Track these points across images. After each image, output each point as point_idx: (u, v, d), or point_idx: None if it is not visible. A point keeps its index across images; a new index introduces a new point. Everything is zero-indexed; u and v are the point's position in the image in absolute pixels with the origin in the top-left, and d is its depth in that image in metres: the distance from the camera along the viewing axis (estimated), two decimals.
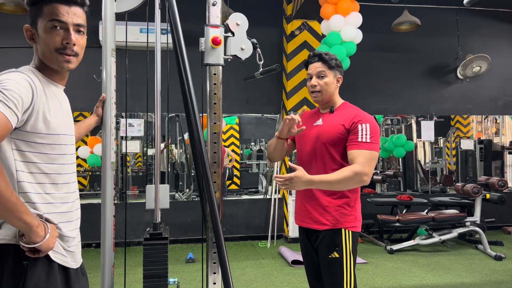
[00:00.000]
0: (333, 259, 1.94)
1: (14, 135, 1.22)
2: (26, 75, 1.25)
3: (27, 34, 1.35)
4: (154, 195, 1.88)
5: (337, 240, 1.94)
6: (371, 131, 1.91)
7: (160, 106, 1.91)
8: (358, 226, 2.00)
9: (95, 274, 4.16)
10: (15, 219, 1.17)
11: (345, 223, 1.95)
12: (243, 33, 1.82)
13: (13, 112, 1.16)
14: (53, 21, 1.30)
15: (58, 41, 1.31)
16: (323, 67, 2.01)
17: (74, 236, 1.38)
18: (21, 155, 1.24)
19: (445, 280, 3.96)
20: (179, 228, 5.52)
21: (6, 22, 5.17)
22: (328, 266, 1.96)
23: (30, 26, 1.34)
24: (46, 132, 1.27)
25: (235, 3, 4.69)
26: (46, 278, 1.25)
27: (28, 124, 1.23)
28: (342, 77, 2.07)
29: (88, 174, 6.50)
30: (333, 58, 2.04)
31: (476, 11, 6.29)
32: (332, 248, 1.94)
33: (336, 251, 1.93)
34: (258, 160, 8.86)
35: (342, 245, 1.94)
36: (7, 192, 1.13)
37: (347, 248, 1.94)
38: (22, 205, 1.18)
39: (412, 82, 6.33)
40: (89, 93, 5.25)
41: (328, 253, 1.95)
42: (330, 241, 1.95)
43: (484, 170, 6.87)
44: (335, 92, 2.05)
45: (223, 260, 1.59)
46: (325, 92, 2.01)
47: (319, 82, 2.01)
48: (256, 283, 3.95)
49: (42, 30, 1.31)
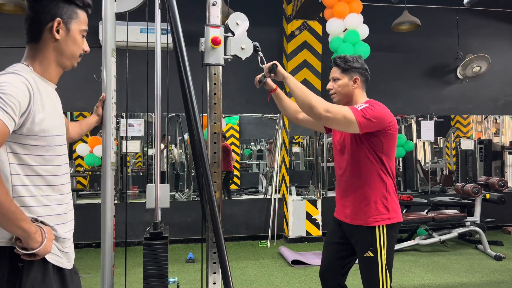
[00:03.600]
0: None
1: (9, 138, 1.21)
2: (23, 76, 1.23)
3: (56, 26, 1.31)
4: (154, 194, 1.89)
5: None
6: (367, 107, 1.92)
7: (160, 106, 1.91)
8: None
9: (95, 274, 4.16)
10: (14, 227, 1.17)
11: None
12: (243, 33, 1.82)
13: (10, 117, 1.15)
14: (85, 30, 1.41)
15: (83, 48, 1.42)
16: (337, 71, 2.11)
17: (69, 237, 1.37)
18: (16, 158, 1.23)
19: (445, 280, 3.96)
20: (179, 228, 5.52)
21: (6, 22, 5.17)
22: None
23: (61, 20, 1.33)
24: (41, 134, 1.26)
25: (235, 3, 4.70)
26: (42, 279, 1.25)
27: (24, 127, 1.22)
28: (359, 78, 2.11)
29: (88, 174, 6.50)
30: (349, 60, 2.10)
31: (476, 11, 6.29)
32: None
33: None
34: (258, 160, 8.87)
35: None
36: (7, 201, 1.13)
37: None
38: (21, 213, 1.18)
39: (412, 82, 6.33)
40: (89, 93, 5.25)
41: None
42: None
43: (484, 170, 6.87)
44: (355, 92, 2.11)
45: (223, 260, 1.59)
46: (339, 93, 2.11)
47: (333, 85, 2.13)
48: (256, 283, 3.95)
49: (76, 32, 1.37)
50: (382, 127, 1.95)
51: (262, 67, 1.96)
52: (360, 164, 2.01)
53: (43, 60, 1.33)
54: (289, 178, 5.82)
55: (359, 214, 2.01)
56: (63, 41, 1.34)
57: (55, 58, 1.35)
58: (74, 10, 1.35)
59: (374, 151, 1.98)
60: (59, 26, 1.32)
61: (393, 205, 2.01)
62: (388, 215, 1.98)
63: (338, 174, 2.15)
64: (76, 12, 1.36)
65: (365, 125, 1.89)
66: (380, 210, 1.98)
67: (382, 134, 1.97)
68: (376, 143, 1.97)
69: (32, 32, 1.32)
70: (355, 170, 2.03)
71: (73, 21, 1.35)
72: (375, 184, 1.99)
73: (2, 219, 1.14)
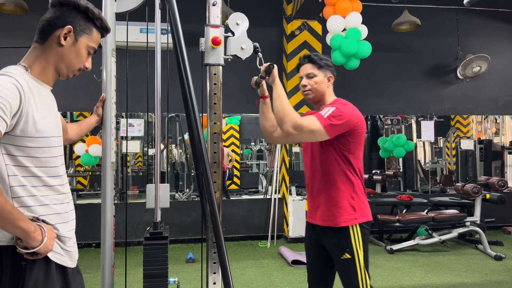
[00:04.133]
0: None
1: (4, 140, 1.22)
2: (13, 78, 1.23)
3: (65, 33, 1.33)
4: (154, 194, 1.89)
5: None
6: (333, 112, 1.90)
7: (160, 106, 1.91)
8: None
9: (95, 274, 4.16)
10: (12, 227, 1.17)
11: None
12: (244, 33, 1.82)
13: (1, 119, 1.16)
14: (93, 48, 1.42)
15: (84, 64, 1.42)
16: (313, 68, 2.06)
17: (70, 236, 1.38)
18: (12, 160, 1.24)
19: (445, 280, 3.96)
20: (179, 228, 5.52)
21: (6, 22, 5.17)
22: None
23: (72, 29, 1.34)
24: (36, 136, 1.26)
25: (235, 3, 4.70)
26: (44, 278, 1.26)
27: (18, 128, 1.22)
28: (333, 76, 2.09)
29: (88, 174, 6.50)
30: (323, 58, 2.08)
31: (476, 11, 6.29)
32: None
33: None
34: (258, 160, 8.87)
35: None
36: (2, 201, 1.13)
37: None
38: (18, 212, 1.18)
39: (412, 82, 6.33)
40: (89, 93, 5.24)
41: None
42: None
43: (484, 170, 6.87)
44: (328, 91, 2.08)
45: (223, 260, 1.59)
46: (315, 90, 2.06)
47: (309, 82, 2.06)
48: (256, 283, 3.95)
49: (83, 46, 1.38)
50: (350, 128, 1.94)
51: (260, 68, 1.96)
52: (328, 165, 1.99)
53: (43, 62, 1.34)
54: (289, 178, 5.82)
55: (329, 215, 1.99)
56: (67, 48, 1.35)
57: (55, 62, 1.36)
58: (89, 27, 1.38)
59: (341, 152, 1.97)
60: (69, 34, 1.34)
61: (359, 204, 2.00)
62: (355, 214, 1.97)
63: (307, 176, 2.14)
64: (91, 29, 1.39)
65: (334, 131, 1.89)
66: (348, 210, 1.97)
67: (350, 134, 1.96)
68: (343, 143, 1.97)
69: (42, 31, 1.34)
70: (322, 172, 2.02)
71: (85, 35, 1.37)
72: (342, 185, 1.98)
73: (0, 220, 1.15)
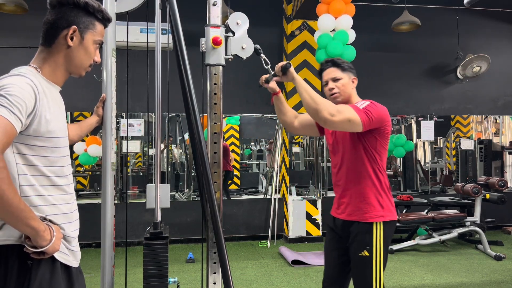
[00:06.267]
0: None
1: (16, 139, 1.23)
2: (29, 78, 1.25)
3: (71, 33, 1.34)
4: (154, 194, 1.89)
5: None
6: (368, 106, 1.93)
7: (161, 106, 1.91)
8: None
9: (95, 274, 4.16)
10: (24, 225, 1.18)
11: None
12: (244, 32, 1.82)
13: (17, 118, 1.17)
14: (99, 41, 1.43)
15: (94, 58, 1.44)
16: (337, 71, 2.08)
17: (75, 236, 1.40)
18: (23, 159, 1.25)
19: (445, 280, 3.96)
20: (179, 228, 5.52)
21: (6, 22, 5.16)
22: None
23: (77, 28, 1.35)
24: (48, 135, 1.28)
25: (235, 3, 4.69)
26: (50, 277, 1.27)
27: (31, 128, 1.24)
28: (356, 78, 2.13)
29: (88, 174, 6.50)
30: (345, 61, 2.12)
31: (476, 11, 6.29)
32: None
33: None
34: (258, 160, 8.87)
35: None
36: (16, 200, 1.14)
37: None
38: (30, 211, 1.19)
39: (412, 82, 6.33)
40: (89, 93, 5.25)
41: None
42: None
43: (484, 170, 6.87)
44: (353, 93, 2.11)
45: (223, 260, 1.59)
46: (343, 93, 2.07)
47: (336, 85, 2.07)
48: (256, 283, 3.95)
49: (89, 42, 1.40)
50: (381, 124, 1.97)
51: (267, 69, 1.95)
52: (355, 162, 2.01)
53: (53, 64, 1.36)
54: (289, 178, 5.82)
55: (356, 210, 2.01)
56: (75, 48, 1.37)
57: (64, 64, 1.38)
58: (92, 22, 1.39)
59: (370, 150, 1.99)
60: (74, 33, 1.35)
61: (387, 202, 2.01)
62: (382, 212, 1.98)
63: (334, 172, 2.16)
64: (94, 23, 1.40)
65: (368, 124, 1.90)
66: (376, 207, 1.98)
67: (378, 133, 1.99)
68: (370, 141, 1.99)
69: (47, 35, 1.35)
70: (350, 169, 2.03)
71: (89, 31, 1.39)
72: (371, 182, 2.00)
73: (12, 218, 1.16)
